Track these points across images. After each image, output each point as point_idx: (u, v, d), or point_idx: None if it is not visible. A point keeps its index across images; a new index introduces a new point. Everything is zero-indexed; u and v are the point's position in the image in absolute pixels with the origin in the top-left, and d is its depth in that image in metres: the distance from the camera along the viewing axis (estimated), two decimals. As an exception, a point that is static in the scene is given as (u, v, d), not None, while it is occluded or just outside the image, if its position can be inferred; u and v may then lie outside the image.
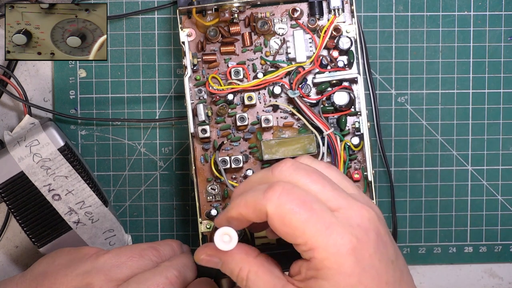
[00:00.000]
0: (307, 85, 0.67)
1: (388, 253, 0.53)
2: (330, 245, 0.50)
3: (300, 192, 0.52)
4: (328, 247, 0.50)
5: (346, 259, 0.51)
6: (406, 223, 0.74)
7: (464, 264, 0.75)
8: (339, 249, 0.50)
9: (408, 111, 0.73)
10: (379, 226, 0.53)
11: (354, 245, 0.51)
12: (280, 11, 0.68)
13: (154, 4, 0.72)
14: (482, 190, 0.74)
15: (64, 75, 0.72)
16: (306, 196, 0.51)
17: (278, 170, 0.54)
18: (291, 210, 0.51)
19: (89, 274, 0.61)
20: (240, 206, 0.53)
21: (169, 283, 0.60)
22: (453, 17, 0.73)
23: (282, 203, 0.51)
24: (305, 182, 0.53)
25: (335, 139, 0.66)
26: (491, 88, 0.73)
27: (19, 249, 0.73)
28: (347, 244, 0.51)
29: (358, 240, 0.51)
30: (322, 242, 0.50)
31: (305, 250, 0.51)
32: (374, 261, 0.51)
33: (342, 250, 0.50)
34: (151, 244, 0.64)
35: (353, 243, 0.51)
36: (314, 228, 0.50)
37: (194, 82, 0.67)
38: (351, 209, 0.52)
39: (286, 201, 0.51)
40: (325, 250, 0.50)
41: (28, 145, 0.66)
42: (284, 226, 0.51)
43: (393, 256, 0.53)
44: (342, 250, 0.50)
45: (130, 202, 0.73)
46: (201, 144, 0.67)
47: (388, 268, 0.52)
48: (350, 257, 0.51)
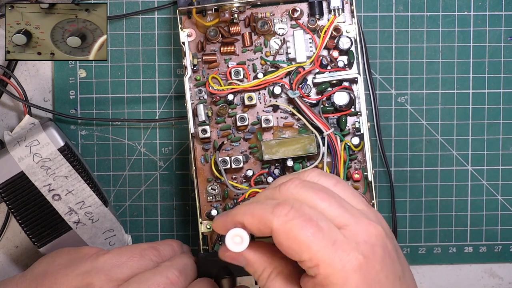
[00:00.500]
0: (307, 85, 0.67)
1: (395, 269, 0.53)
2: (336, 261, 0.50)
3: (308, 210, 0.52)
4: (334, 263, 0.50)
5: (352, 276, 0.50)
6: (406, 223, 0.74)
7: (464, 264, 0.75)
8: (345, 265, 0.50)
9: (408, 111, 0.73)
10: (386, 242, 0.53)
11: (360, 262, 0.51)
12: (280, 11, 0.68)
13: (154, 4, 0.72)
14: (482, 190, 0.74)
15: (64, 75, 0.72)
16: (313, 213, 0.52)
17: (285, 188, 0.54)
18: (297, 225, 0.51)
19: (89, 274, 0.61)
20: (245, 215, 0.53)
21: (169, 283, 0.60)
22: (453, 17, 0.73)
23: (289, 219, 0.51)
24: (312, 200, 0.53)
25: (335, 139, 0.66)
26: (491, 88, 0.73)
27: (19, 249, 0.73)
28: (353, 260, 0.51)
29: (364, 257, 0.51)
30: (328, 257, 0.50)
31: (310, 266, 0.51)
32: (381, 277, 0.51)
33: (348, 267, 0.50)
34: (151, 244, 0.64)
35: (359, 259, 0.51)
36: (320, 244, 0.50)
37: (194, 82, 0.67)
38: (358, 226, 0.52)
39: (293, 217, 0.51)
40: (331, 265, 0.50)
41: (28, 145, 0.66)
42: (290, 241, 0.51)
43: (400, 272, 0.53)
44: (348, 267, 0.50)
45: (130, 202, 0.73)
46: (201, 144, 0.67)
47: (395, 284, 0.52)
48: (356, 274, 0.50)
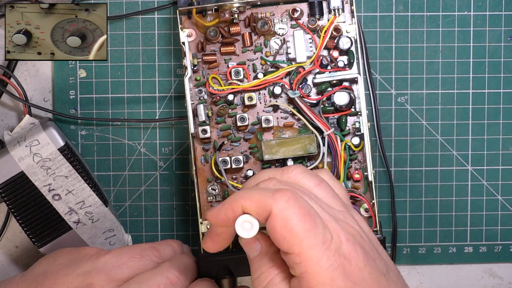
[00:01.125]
0: (307, 85, 0.67)
1: (378, 266, 0.53)
2: (323, 260, 0.51)
3: (307, 204, 0.53)
4: (321, 262, 0.51)
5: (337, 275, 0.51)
6: (406, 223, 0.74)
7: (464, 264, 0.75)
8: (331, 264, 0.51)
9: (408, 111, 0.73)
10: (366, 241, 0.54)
11: (343, 262, 0.52)
12: (280, 11, 0.68)
13: (154, 4, 0.72)
14: (482, 190, 0.74)
15: (64, 75, 0.72)
16: (311, 208, 0.53)
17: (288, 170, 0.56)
18: (296, 215, 0.51)
19: (89, 274, 0.61)
20: (244, 198, 0.53)
21: (169, 283, 0.60)
22: (453, 17, 0.73)
23: (289, 206, 0.52)
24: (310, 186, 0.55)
25: (336, 139, 0.66)
26: (491, 88, 0.73)
27: (19, 249, 0.73)
28: (338, 260, 0.52)
29: (346, 257, 0.52)
30: (316, 256, 0.51)
31: (296, 262, 0.52)
32: (365, 275, 0.52)
33: (334, 266, 0.51)
34: (151, 244, 0.64)
35: (342, 259, 0.52)
36: (312, 242, 0.51)
37: (194, 82, 0.67)
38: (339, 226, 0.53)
39: (293, 206, 0.52)
40: (318, 265, 0.51)
41: (28, 145, 0.66)
42: (285, 230, 0.51)
43: (384, 269, 0.54)
44: (333, 266, 0.51)
45: (130, 202, 0.73)
46: (202, 145, 0.67)
47: (381, 281, 0.53)
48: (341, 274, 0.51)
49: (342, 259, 0.52)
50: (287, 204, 0.52)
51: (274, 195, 0.52)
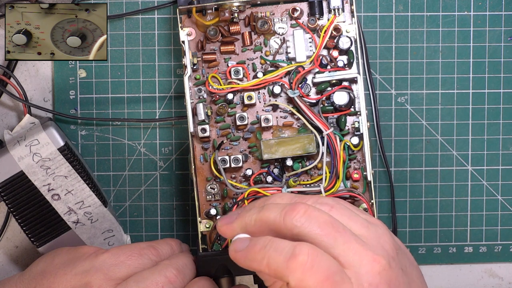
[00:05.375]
0: (307, 85, 0.67)
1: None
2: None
3: (324, 265, 0.51)
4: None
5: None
6: (406, 223, 0.74)
7: (464, 264, 0.75)
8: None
9: (408, 111, 0.73)
10: (391, 276, 0.52)
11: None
12: (280, 11, 0.68)
13: (154, 3, 0.72)
14: (482, 190, 0.74)
15: (64, 75, 0.72)
16: (330, 267, 0.50)
17: (289, 219, 0.53)
18: (316, 284, 0.50)
19: (88, 273, 0.61)
20: (261, 265, 0.52)
21: (168, 282, 0.60)
22: (453, 17, 0.73)
23: (306, 278, 0.50)
24: (317, 236, 0.53)
25: (335, 139, 0.66)
26: (491, 88, 0.73)
27: (19, 249, 0.73)
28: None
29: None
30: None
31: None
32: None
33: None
34: (150, 243, 0.64)
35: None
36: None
37: (194, 81, 0.67)
38: (362, 267, 0.52)
39: (310, 277, 0.50)
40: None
41: (28, 144, 0.66)
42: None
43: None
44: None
45: (130, 202, 0.73)
46: (201, 144, 0.67)
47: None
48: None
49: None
50: (303, 275, 0.50)
51: (289, 264, 0.50)
